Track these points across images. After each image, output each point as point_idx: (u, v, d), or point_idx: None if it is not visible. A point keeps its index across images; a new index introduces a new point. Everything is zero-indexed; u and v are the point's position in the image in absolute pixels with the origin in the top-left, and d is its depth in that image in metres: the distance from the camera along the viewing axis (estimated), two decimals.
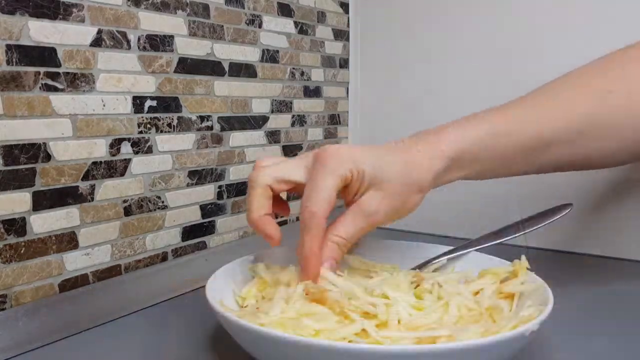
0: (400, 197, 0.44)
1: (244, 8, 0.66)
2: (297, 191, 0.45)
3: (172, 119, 0.58)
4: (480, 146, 0.45)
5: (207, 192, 0.63)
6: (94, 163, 0.51)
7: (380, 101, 0.84)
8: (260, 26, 0.68)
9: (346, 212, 0.44)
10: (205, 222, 0.63)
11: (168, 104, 0.58)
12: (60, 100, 0.48)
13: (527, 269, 0.46)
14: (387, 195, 0.43)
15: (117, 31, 0.52)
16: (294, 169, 0.44)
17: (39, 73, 0.46)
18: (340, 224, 0.44)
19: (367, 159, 0.43)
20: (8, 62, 0.44)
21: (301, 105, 0.76)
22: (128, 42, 0.53)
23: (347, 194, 0.44)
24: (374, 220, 0.44)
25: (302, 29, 0.75)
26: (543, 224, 0.52)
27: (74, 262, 0.50)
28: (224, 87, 0.64)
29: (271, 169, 0.44)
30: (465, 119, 0.47)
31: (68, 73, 0.49)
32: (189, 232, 0.61)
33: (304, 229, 0.42)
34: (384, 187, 0.43)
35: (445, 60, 0.77)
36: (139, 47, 0.54)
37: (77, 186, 0.50)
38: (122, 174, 0.54)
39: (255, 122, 0.69)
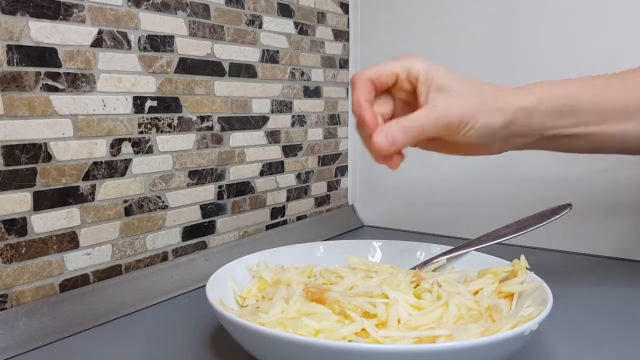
0: (473, 107, 0.44)
1: (244, 8, 0.66)
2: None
3: (173, 119, 0.58)
4: (570, 96, 0.46)
5: (207, 192, 0.63)
6: (95, 163, 0.51)
7: None
8: (260, 26, 0.68)
9: None
10: (205, 222, 0.63)
11: (168, 104, 0.58)
12: (61, 101, 0.48)
13: (527, 268, 0.46)
14: (458, 99, 0.44)
15: (117, 31, 0.52)
16: (388, 63, 0.46)
17: (39, 73, 0.47)
18: (407, 116, 0.44)
19: (444, 70, 0.45)
20: (9, 63, 0.44)
21: (301, 105, 0.76)
22: (128, 42, 0.53)
23: (416, 99, 0.45)
24: (440, 114, 0.43)
25: (302, 30, 0.75)
26: (543, 224, 0.53)
27: (75, 262, 0.50)
28: (224, 87, 0.64)
29: (368, 69, 0.46)
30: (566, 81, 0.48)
31: (69, 73, 0.49)
32: (189, 232, 0.62)
33: (352, 91, 0.45)
34: (454, 93, 0.44)
35: (445, 60, 0.77)
36: (139, 48, 0.54)
37: (78, 186, 0.50)
38: (123, 174, 0.54)
39: (255, 122, 0.69)
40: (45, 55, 0.47)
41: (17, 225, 0.46)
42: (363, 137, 0.46)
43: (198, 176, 0.62)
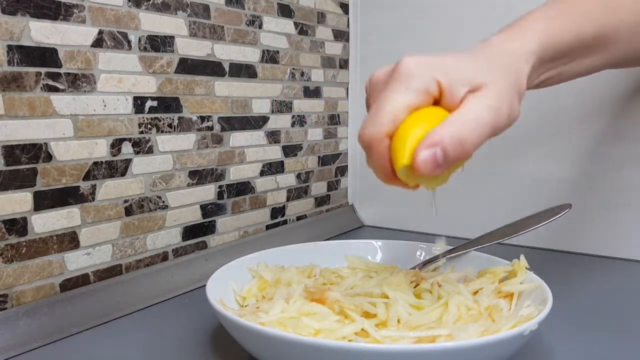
0: (508, 96, 0.36)
1: (244, 9, 0.66)
2: None
3: (173, 119, 0.58)
4: (565, 44, 0.41)
5: (207, 192, 0.63)
6: (95, 163, 0.51)
7: None
8: (260, 27, 0.68)
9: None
10: (205, 222, 0.64)
11: (168, 104, 0.58)
12: (61, 101, 0.48)
13: (527, 268, 0.46)
14: (495, 97, 0.35)
15: (117, 32, 0.52)
16: (397, 98, 0.35)
17: (40, 73, 0.47)
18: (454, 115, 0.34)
19: (456, 62, 0.36)
20: (9, 63, 0.44)
21: (301, 105, 0.76)
22: (129, 42, 0.53)
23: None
24: (489, 121, 0.34)
25: (302, 30, 0.75)
26: (543, 224, 0.52)
27: (75, 262, 0.50)
28: (224, 87, 0.64)
29: (380, 117, 0.35)
30: (547, 12, 0.42)
31: (69, 73, 0.49)
32: (190, 232, 0.62)
33: (367, 158, 0.35)
34: (490, 88, 0.35)
35: None
36: (139, 48, 0.54)
37: (78, 186, 0.50)
38: (123, 174, 0.54)
39: (255, 123, 0.69)
40: (45, 56, 0.47)
41: (17, 225, 0.46)
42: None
43: (198, 176, 0.62)
